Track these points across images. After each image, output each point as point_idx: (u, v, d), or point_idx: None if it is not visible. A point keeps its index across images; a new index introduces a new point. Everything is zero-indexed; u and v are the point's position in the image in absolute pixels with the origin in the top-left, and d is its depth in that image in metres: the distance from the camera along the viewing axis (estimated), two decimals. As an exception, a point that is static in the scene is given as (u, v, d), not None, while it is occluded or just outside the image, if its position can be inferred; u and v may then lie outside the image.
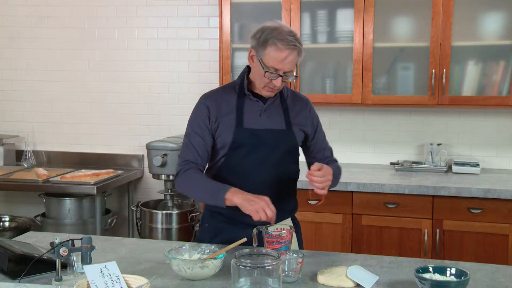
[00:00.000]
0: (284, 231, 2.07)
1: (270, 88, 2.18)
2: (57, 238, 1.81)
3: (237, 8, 3.80)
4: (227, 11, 3.78)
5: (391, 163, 3.90)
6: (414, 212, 3.35)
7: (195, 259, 1.95)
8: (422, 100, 3.59)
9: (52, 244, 1.87)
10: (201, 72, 4.21)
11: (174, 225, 3.92)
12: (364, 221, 3.42)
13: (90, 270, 1.66)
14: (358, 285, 1.82)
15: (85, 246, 1.82)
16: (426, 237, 3.32)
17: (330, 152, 2.47)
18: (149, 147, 3.98)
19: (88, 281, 1.63)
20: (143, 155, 4.34)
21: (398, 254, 3.27)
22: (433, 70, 3.53)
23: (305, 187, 2.29)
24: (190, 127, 2.25)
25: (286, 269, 1.85)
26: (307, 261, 2.00)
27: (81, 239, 1.84)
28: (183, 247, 2.00)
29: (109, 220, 4.10)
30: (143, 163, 4.37)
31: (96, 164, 4.36)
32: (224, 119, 2.21)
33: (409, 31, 3.65)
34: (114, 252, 2.18)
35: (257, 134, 2.21)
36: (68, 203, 3.93)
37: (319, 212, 3.47)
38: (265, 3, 3.81)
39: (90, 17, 4.37)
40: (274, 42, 2.09)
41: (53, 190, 3.89)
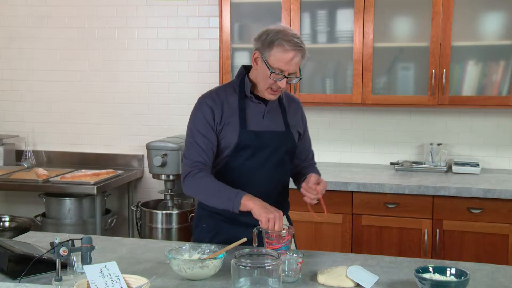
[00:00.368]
0: (284, 231, 2.07)
1: (273, 91, 2.19)
2: (57, 238, 1.81)
3: (237, 8, 3.80)
4: (227, 11, 3.78)
5: (391, 163, 3.90)
6: (414, 212, 3.35)
7: (195, 259, 1.95)
8: (422, 100, 3.59)
9: (52, 244, 1.87)
10: (201, 72, 4.21)
11: (174, 225, 3.92)
12: (364, 221, 3.42)
13: (90, 270, 1.66)
14: (358, 285, 1.82)
15: (85, 246, 1.82)
16: (426, 237, 3.32)
17: (312, 155, 2.52)
18: (149, 147, 3.98)
19: (88, 281, 1.63)
20: (143, 155, 4.34)
21: (398, 254, 3.27)
22: (433, 70, 3.53)
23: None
24: (194, 127, 2.22)
25: (286, 269, 1.85)
26: (307, 261, 2.00)
27: (81, 239, 1.84)
28: (183, 247, 2.00)
29: (109, 220, 4.10)
30: (143, 163, 4.37)
31: (96, 164, 4.36)
32: (228, 121, 2.21)
33: (409, 31, 3.65)
34: (114, 252, 2.18)
35: (261, 136, 2.23)
36: (68, 203, 3.93)
37: (319, 212, 3.45)
38: (265, 3, 3.81)
39: (90, 17, 4.37)
40: (281, 43, 2.11)
41: (53, 190, 3.89)
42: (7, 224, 4.25)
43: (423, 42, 3.57)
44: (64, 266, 1.87)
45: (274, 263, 1.70)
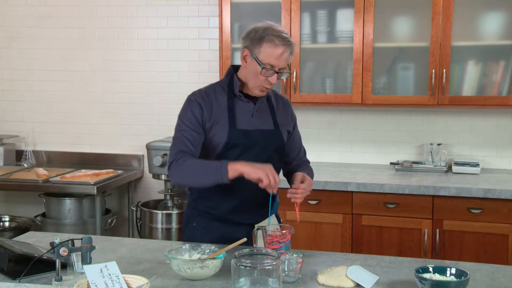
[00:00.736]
0: (284, 231, 2.07)
1: (264, 87, 2.21)
2: (57, 238, 1.81)
3: (237, 8, 3.80)
4: (227, 11, 3.78)
5: (391, 163, 3.90)
6: (414, 212, 3.35)
7: (195, 259, 1.95)
8: (422, 100, 3.59)
9: (52, 244, 1.87)
10: (201, 72, 4.21)
11: (174, 225, 3.92)
12: (364, 221, 3.42)
13: (90, 270, 1.66)
14: (358, 285, 1.82)
15: (85, 246, 1.82)
16: (426, 237, 3.32)
17: (304, 153, 2.53)
18: (149, 147, 3.98)
19: (88, 281, 1.63)
20: (143, 155, 4.34)
21: (398, 254, 3.27)
22: (433, 70, 3.53)
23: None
24: (183, 123, 2.23)
25: (286, 269, 1.85)
26: (307, 261, 2.00)
27: (81, 239, 1.84)
28: (183, 247, 2.00)
29: (109, 220, 4.10)
30: (143, 163, 4.37)
31: (96, 164, 4.36)
32: (217, 120, 2.22)
33: (409, 31, 3.65)
34: (114, 252, 2.18)
35: (250, 135, 2.24)
36: (68, 203, 3.94)
37: (319, 212, 3.47)
38: (265, 3, 3.81)
39: (90, 17, 4.37)
40: (271, 39, 2.13)
41: (53, 190, 3.89)
42: (7, 224, 4.25)
43: (423, 42, 3.57)
44: (64, 266, 1.87)
45: (274, 263, 1.70)
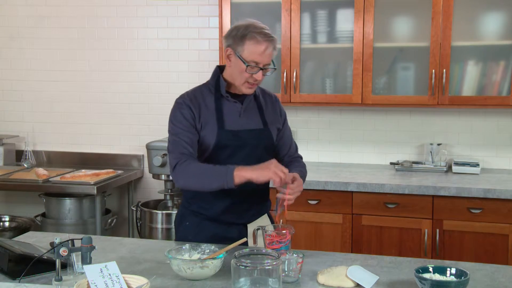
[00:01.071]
0: (284, 231, 2.07)
1: (251, 84, 2.22)
2: (57, 238, 1.81)
3: (237, 8, 3.80)
4: (227, 11, 3.78)
5: (391, 163, 3.90)
6: (414, 212, 3.35)
7: (195, 259, 1.95)
8: (422, 100, 3.59)
9: (52, 244, 1.87)
10: (201, 72, 4.20)
11: (174, 225, 3.91)
12: (364, 221, 3.42)
13: (90, 270, 1.66)
14: (358, 285, 1.82)
15: (85, 246, 1.82)
16: (426, 237, 3.32)
17: (295, 149, 2.52)
18: (149, 147, 3.98)
19: (88, 281, 1.63)
20: (143, 155, 4.34)
21: (398, 254, 3.27)
22: (433, 70, 3.53)
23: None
24: (176, 126, 2.23)
25: (286, 269, 1.85)
26: (307, 261, 2.00)
27: (81, 239, 1.84)
28: (183, 247, 2.00)
29: (109, 220, 4.10)
30: (143, 163, 4.37)
31: (96, 164, 4.36)
32: (206, 122, 2.22)
33: (409, 31, 3.65)
34: (114, 252, 2.18)
35: (239, 135, 2.24)
36: (68, 203, 3.94)
37: (319, 212, 3.47)
38: (265, 3, 3.81)
39: (90, 17, 4.37)
40: (253, 36, 2.14)
41: (53, 190, 3.89)
42: (7, 224, 4.25)
43: (423, 42, 3.57)
44: (64, 266, 1.87)
45: (274, 263, 1.70)
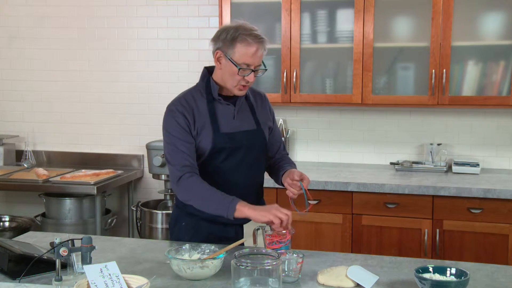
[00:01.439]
0: (284, 231, 2.07)
1: (242, 86, 2.21)
2: (57, 238, 1.81)
3: (237, 8, 3.80)
4: (227, 11, 3.78)
5: (391, 163, 3.90)
6: (414, 212, 3.35)
7: (195, 259, 1.95)
8: (422, 100, 3.59)
9: (52, 244, 1.87)
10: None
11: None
12: (364, 221, 3.42)
13: (90, 270, 1.66)
14: (358, 285, 1.82)
15: (85, 246, 1.83)
16: (426, 237, 3.32)
17: (284, 146, 2.53)
18: (149, 147, 3.98)
19: (88, 281, 1.63)
20: (143, 155, 4.34)
21: (398, 254, 3.27)
22: (433, 70, 3.53)
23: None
24: (172, 135, 2.21)
25: (286, 269, 1.85)
26: (307, 261, 2.00)
27: (81, 239, 1.85)
28: (183, 247, 2.00)
29: (109, 220, 4.10)
30: (143, 163, 4.37)
31: (96, 164, 4.36)
32: (201, 126, 2.22)
33: (409, 31, 3.65)
34: (114, 252, 2.18)
35: (235, 138, 2.24)
36: (68, 203, 3.93)
37: (319, 212, 3.47)
38: (265, 3, 3.81)
39: (90, 17, 4.37)
40: (244, 38, 2.13)
41: (53, 190, 3.89)
42: (7, 224, 4.25)
43: (423, 42, 3.57)
44: (64, 266, 1.87)
45: (274, 263, 1.70)
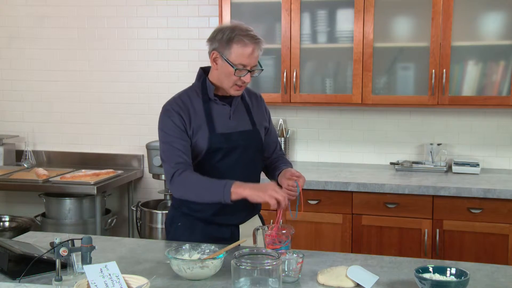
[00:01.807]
0: (284, 231, 2.07)
1: (239, 86, 2.22)
2: (57, 238, 1.81)
3: (237, 8, 3.80)
4: (227, 11, 3.78)
5: (391, 163, 3.90)
6: (414, 212, 3.35)
7: (195, 259, 1.95)
8: (422, 100, 3.59)
9: (52, 244, 1.87)
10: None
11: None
12: (364, 221, 3.42)
13: (90, 270, 1.66)
14: (358, 285, 1.82)
15: (85, 246, 1.83)
16: (426, 237, 3.32)
17: (280, 146, 2.54)
18: (149, 147, 3.98)
19: (88, 281, 1.63)
20: (143, 155, 4.34)
21: (398, 254, 3.27)
22: (433, 70, 3.53)
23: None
24: (167, 134, 2.21)
25: (286, 269, 1.85)
26: (307, 261, 2.00)
27: (81, 239, 1.85)
28: (183, 247, 2.00)
29: (109, 220, 4.10)
30: (143, 163, 4.37)
31: (96, 164, 4.36)
32: (197, 126, 2.22)
33: (409, 31, 3.65)
34: (114, 252, 2.18)
35: (231, 138, 2.24)
36: (68, 203, 3.93)
37: (319, 212, 3.47)
38: (265, 3, 3.81)
39: (90, 17, 4.37)
40: (240, 39, 2.14)
41: (53, 190, 3.89)
42: (7, 224, 4.25)
43: (423, 42, 3.57)
44: (64, 266, 1.87)
45: (274, 263, 1.70)
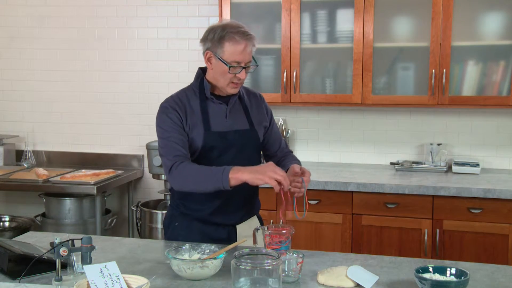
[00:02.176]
0: (284, 231, 2.07)
1: (235, 84, 2.22)
2: (57, 238, 1.81)
3: (237, 8, 3.80)
4: (227, 11, 3.78)
5: (391, 163, 3.90)
6: (414, 212, 3.35)
7: (195, 259, 1.95)
8: (422, 100, 3.59)
9: (52, 244, 1.87)
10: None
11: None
12: (364, 221, 3.42)
13: (90, 270, 1.66)
14: (358, 285, 1.82)
15: (85, 246, 1.82)
16: (426, 237, 3.32)
17: (285, 144, 2.53)
18: (149, 147, 3.98)
19: (88, 281, 1.63)
20: (143, 155, 4.34)
21: (398, 254, 3.27)
22: (433, 70, 3.53)
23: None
24: (164, 130, 2.22)
25: (286, 269, 1.85)
26: (307, 261, 2.00)
27: (81, 239, 1.84)
28: (183, 247, 2.00)
29: (109, 220, 4.10)
30: (143, 163, 4.37)
31: (96, 164, 4.36)
32: (193, 124, 2.23)
33: (409, 31, 3.65)
34: (114, 252, 2.18)
35: (226, 137, 2.25)
36: (68, 203, 3.94)
37: (319, 212, 3.47)
38: (265, 3, 3.81)
39: (90, 17, 4.37)
40: (231, 37, 2.14)
41: (53, 190, 3.89)
42: (7, 224, 4.25)
43: (423, 42, 3.57)
44: (64, 266, 1.87)
45: (274, 263, 1.70)
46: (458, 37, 3.51)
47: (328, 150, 4.10)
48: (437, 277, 1.79)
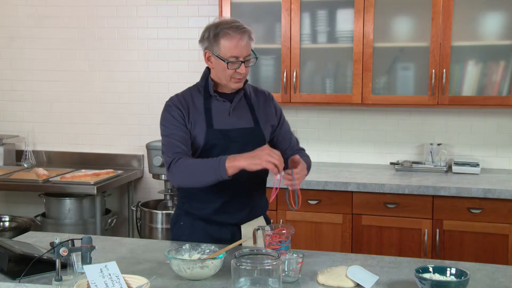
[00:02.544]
0: (284, 231, 2.07)
1: (237, 79, 2.22)
2: (57, 238, 1.81)
3: (237, 8, 3.80)
4: (227, 11, 3.78)
5: (391, 163, 3.90)
6: (414, 212, 3.35)
7: (195, 259, 1.95)
8: (422, 100, 3.59)
9: (52, 244, 1.87)
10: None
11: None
12: (364, 221, 3.42)
13: (90, 270, 1.66)
14: (358, 285, 1.82)
15: (85, 246, 1.83)
16: (426, 237, 3.32)
17: (296, 142, 2.51)
18: (149, 147, 3.98)
19: (88, 281, 1.63)
20: (143, 155, 4.34)
21: (398, 254, 3.27)
22: (433, 70, 3.53)
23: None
24: (167, 127, 2.24)
25: (286, 269, 1.85)
26: (307, 261, 2.00)
27: (81, 239, 1.85)
28: (183, 247, 2.00)
29: (109, 220, 4.10)
30: (143, 163, 4.37)
31: (96, 164, 4.36)
32: (195, 122, 2.23)
33: (409, 31, 3.65)
34: (114, 252, 2.18)
35: (228, 135, 2.24)
36: (68, 203, 3.93)
37: (319, 212, 3.47)
38: (265, 3, 3.81)
39: (90, 17, 4.37)
40: (225, 32, 2.16)
41: (53, 190, 3.89)
42: (7, 224, 4.25)
43: (423, 42, 3.57)
44: (64, 266, 1.87)
45: (274, 263, 1.70)
46: (458, 37, 3.51)
47: (328, 150, 4.10)
48: (437, 277, 1.79)
